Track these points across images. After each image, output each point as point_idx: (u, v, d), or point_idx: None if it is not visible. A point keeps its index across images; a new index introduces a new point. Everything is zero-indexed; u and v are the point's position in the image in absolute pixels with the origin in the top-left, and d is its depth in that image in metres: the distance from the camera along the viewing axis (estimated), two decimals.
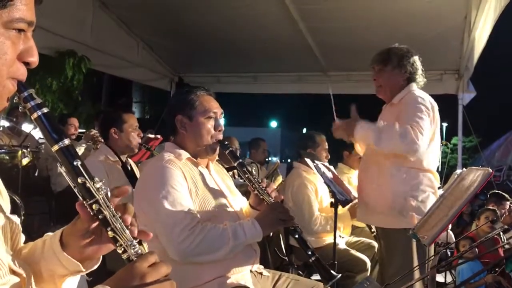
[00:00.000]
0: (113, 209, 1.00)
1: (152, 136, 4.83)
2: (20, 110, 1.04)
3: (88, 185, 0.99)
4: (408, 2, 4.98)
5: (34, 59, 0.98)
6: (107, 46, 6.22)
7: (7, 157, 4.66)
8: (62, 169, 1.00)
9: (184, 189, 2.11)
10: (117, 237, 1.00)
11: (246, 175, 2.26)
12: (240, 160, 2.32)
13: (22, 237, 1.18)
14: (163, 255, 2.08)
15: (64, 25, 5.38)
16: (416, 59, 3.05)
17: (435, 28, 5.36)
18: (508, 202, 5.15)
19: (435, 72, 6.41)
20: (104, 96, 19.05)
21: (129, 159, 3.52)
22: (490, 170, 1.95)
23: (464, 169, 2.30)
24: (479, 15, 4.28)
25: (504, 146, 15.65)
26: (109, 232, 0.99)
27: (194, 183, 2.18)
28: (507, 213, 5.03)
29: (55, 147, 0.98)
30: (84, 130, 6.11)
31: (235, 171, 4.13)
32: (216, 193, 2.26)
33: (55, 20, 5.12)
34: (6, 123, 5.47)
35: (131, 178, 3.33)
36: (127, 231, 1.00)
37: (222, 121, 2.37)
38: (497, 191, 5.64)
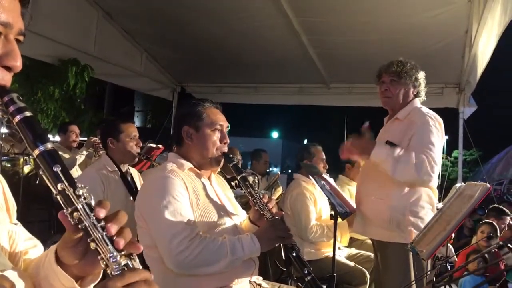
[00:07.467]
0: (94, 218, 0.90)
1: (153, 145, 4.84)
2: (0, 116, 0.95)
3: (67, 192, 0.90)
4: (410, 16, 5.00)
5: (16, 64, 0.94)
6: (110, 56, 6.28)
7: (9, 165, 4.69)
8: (43, 176, 0.92)
9: (185, 200, 2.11)
10: (98, 249, 0.90)
11: (248, 189, 2.26)
12: (243, 174, 2.33)
13: (22, 244, 1.16)
14: (161, 265, 2.08)
15: (67, 34, 5.45)
16: (423, 74, 3.08)
17: (436, 41, 5.39)
18: (508, 217, 5.14)
19: (436, 85, 6.41)
20: (106, 104, 19.13)
21: (130, 169, 3.53)
22: (488, 185, 1.96)
23: (463, 183, 2.31)
24: (480, 30, 4.28)
25: (505, 160, 15.65)
26: (91, 244, 0.90)
27: (196, 193, 2.19)
28: (506, 228, 5.03)
29: (36, 152, 0.90)
30: (86, 139, 6.12)
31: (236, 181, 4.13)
32: (217, 205, 2.27)
33: (58, 29, 5.19)
34: (7, 130, 5.48)
35: (131, 188, 3.35)
36: (109, 243, 0.89)
37: None
38: (497, 205, 5.64)
